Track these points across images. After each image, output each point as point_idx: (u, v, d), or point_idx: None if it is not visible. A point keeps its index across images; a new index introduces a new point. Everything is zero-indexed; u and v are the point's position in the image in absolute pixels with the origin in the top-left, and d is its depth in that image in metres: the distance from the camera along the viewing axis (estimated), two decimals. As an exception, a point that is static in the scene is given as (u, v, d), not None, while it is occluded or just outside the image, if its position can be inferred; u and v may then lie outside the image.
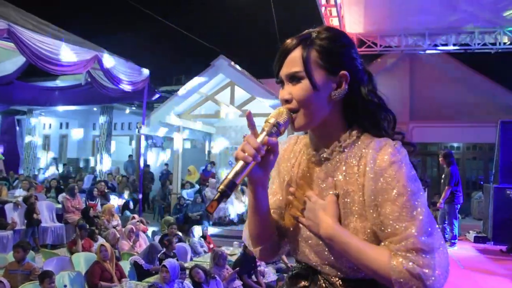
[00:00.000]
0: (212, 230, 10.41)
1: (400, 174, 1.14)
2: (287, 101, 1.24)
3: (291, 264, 8.38)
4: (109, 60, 9.71)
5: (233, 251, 8.27)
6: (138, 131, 11.90)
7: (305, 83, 1.21)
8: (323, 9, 9.07)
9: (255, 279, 6.86)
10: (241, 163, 1.14)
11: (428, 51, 11.46)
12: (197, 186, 13.03)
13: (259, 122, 1.12)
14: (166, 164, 15.04)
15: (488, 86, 14.67)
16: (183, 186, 12.75)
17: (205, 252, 8.49)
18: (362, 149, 1.22)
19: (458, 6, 9.26)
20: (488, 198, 8.62)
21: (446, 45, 11.03)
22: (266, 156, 1.18)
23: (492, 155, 9.16)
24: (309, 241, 1.28)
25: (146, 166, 14.82)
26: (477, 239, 8.41)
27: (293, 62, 1.24)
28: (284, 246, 1.40)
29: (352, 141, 1.24)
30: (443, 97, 13.70)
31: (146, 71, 11.18)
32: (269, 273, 7.44)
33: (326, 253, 1.24)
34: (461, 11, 9.74)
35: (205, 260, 7.30)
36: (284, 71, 1.26)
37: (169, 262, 5.61)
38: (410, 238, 1.09)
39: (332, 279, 1.25)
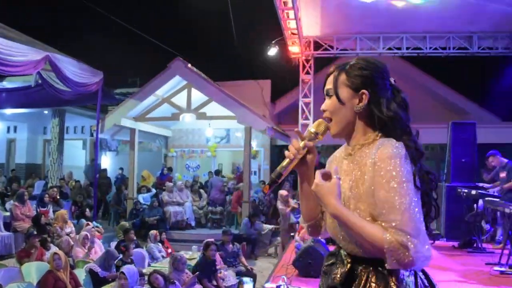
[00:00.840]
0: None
1: (394, 166, 1.42)
2: (324, 111, 1.66)
3: (250, 266, 8.40)
4: (61, 61, 9.34)
5: (192, 255, 8.15)
6: (92, 135, 11.53)
7: (333, 98, 1.62)
8: (280, 11, 9.12)
9: (215, 283, 6.79)
10: (287, 159, 1.60)
11: (382, 54, 11.72)
12: (153, 190, 12.79)
13: (217, 125, 1.11)
14: (121, 169, 14.66)
15: (439, 89, 15.26)
16: (139, 191, 12.48)
17: (163, 257, 8.34)
18: (371, 147, 1.54)
19: (410, 11, 9.53)
20: (441, 197, 8.89)
21: (399, 48, 11.35)
22: (306, 155, 1.64)
23: (444, 155, 9.44)
24: (330, 221, 1.63)
25: (103, 170, 14.38)
26: (430, 236, 8.65)
27: (329, 82, 1.65)
28: (325, 227, 1.73)
29: (368, 142, 1.58)
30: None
31: (99, 73, 10.84)
32: (229, 277, 7.38)
33: (340, 233, 1.58)
34: (413, 16, 10.05)
35: (164, 265, 7.16)
36: (325, 88, 1.67)
37: (127, 268, 5.46)
38: (397, 220, 1.37)
39: (346, 256, 1.57)
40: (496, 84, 13.01)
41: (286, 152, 1.61)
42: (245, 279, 7.25)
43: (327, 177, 1.51)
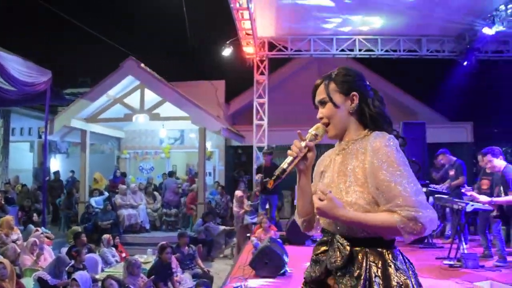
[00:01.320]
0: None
1: (391, 153, 1.65)
2: (321, 119, 1.86)
3: (207, 269, 8.33)
4: (5, 59, 8.90)
5: (147, 259, 7.99)
6: (40, 137, 11.07)
7: (329, 105, 1.84)
8: (235, 12, 9.10)
9: (171, 287, 6.68)
10: (290, 158, 1.80)
11: (336, 56, 11.95)
12: (106, 193, 12.44)
13: (171, 126, 1.09)
14: (72, 171, 14.18)
15: (390, 90, 15.71)
16: (91, 194, 12.10)
17: (117, 262, 8.13)
18: (365, 141, 1.77)
19: (366, 11, 9.75)
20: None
21: (352, 50, 11.60)
22: (306, 154, 1.83)
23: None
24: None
25: (55, 173, 13.83)
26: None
27: (320, 93, 1.88)
28: (318, 222, 1.90)
29: (361, 137, 1.81)
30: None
31: (47, 72, 10.43)
32: (186, 280, 7.29)
33: (337, 224, 1.74)
34: (366, 18, 10.29)
35: (118, 270, 6.99)
36: (316, 99, 1.90)
37: (79, 274, 5.29)
38: (399, 198, 1.58)
39: (343, 241, 1.70)
40: (444, 86, 13.53)
41: (289, 151, 1.80)
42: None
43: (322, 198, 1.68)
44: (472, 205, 6.55)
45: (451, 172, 8.40)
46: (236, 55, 12.13)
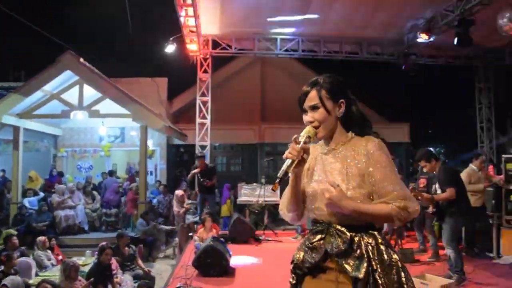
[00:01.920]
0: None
1: (383, 155, 1.97)
2: (311, 122, 2.04)
3: (148, 269, 8.15)
4: None
5: (85, 261, 7.73)
6: (-32, 134, 10.39)
7: (321, 110, 2.03)
8: (179, 8, 8.96)
9: (111, 289, 6.48)
10: (289, 160, 1.93)
11: (279, 56, 12.06)
12: (41, 194, 11.87)
13: (111, 123, 1.04)
14: (3, 170, 13.41)
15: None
16: (24, 194, 11.50)
17: (53, 265, 7.79)
18: (356, 143, 2.04)
19: (309, 12, 9.89)
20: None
21: (295, 50, 11.76)
22: (302, 155, 1.95)
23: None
24: (323, 198, 1.97)
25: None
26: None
27: (312, 99, 2.05)
28: (305, 214, 2.15)
29: (349, 139, 2.07)
30: (293, 100, 14.56)
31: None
32: (127, 281, 7.12)
33: (335, 215, 1.97)
34: (309, 20, 10.46)
35: (54, 274, 6.73)
36: (307, 104, 2.06)
37: (10, 280, 5.01)
38: (394, 192, 1.90)
39: (341, 228, 1.95)
40: (382, 88, 14.03)
41: (289, 154, 1.93)
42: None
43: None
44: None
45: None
46: (180, 52, 11.95)
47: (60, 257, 8.31)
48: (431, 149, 7.75)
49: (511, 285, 5.50)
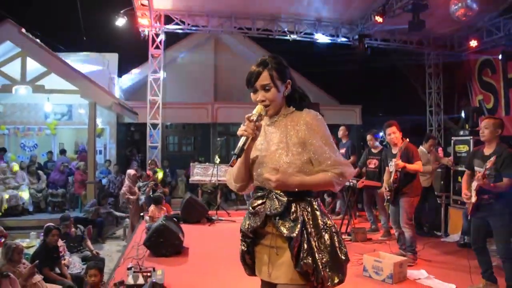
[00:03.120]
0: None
1: (321, 126, 2.14)
2: (263, 101, 2.15)
3: (96, 251, 7.86)
4: None
5: (30, 243, 7.36)
6: None
7: (273, 90, 2.15)
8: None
9: (58, 271, 6.19)
10: (244, 138, 2.04)
11: (233, 33, 11.84)
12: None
13: (57, 100, 0.88)
14: None
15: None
16: (-40, 173, 10.79)
17: (-7, 248, 7.34)
18: (296, 115, 2.19)
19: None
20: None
21: (249, 29, 11.57)
22: (255, 132, 2.09)
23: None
24: (270, 169, 2.13)
25: None
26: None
27: (264, 79, 2.15)
28: (250, 184, 2.28)
29: (290, 112, 2.22)
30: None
31: None
32: (75, 263, 6.84)
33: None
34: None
35: (-6, 257, 6.30)
36: (259, 83, 2.16)
37: None
38: (332, 158, 2.09)
39: (280, 193, 2.10)
40: (336, 71, 14.11)
41: (244, 132, 2.04)
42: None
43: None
44: (362, 182, 6.93)
45: (342, 151, 8.79)
46: (131, 27, 11.50)
47: (2, 240, 7.87)
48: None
49: (458, 262, 5.70)
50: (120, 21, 10.91)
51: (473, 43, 11.62)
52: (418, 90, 15.04)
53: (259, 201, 2.16)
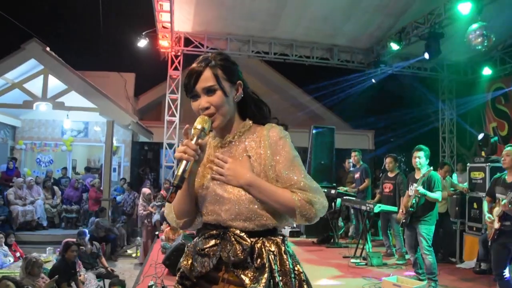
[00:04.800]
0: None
1: (286, 144, 1.71)
2: (207, 108, 1.68)
3: (111, 268, 7.91)
4: None
5: (47, 258, 7.40)
6: None
7: (219, 93, 1.69)
8: (155, 2, 8.80)
9: (75, 287, 6.24)
10: (184, 162, 1.58)
11: (250, 57, 12.03)
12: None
13: (75, 117, 0.97)
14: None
15: (300, 95, 16.26)
16: (-22, 187, 10.92)
17: (10, 262, 7.42)
18: (255, 132, 1.76)
19: (281, 19, 9.92)
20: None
21: (267, 53, 11.75)
22: (198, 154, 1.63)
23: (306, 158, 10.04)
24: (220, 199, 1.70)
25: None
26: (292, 234, 9.13)
27: (207, 79, 1.68)
28: (199, 218, 1.81)
29: (247, 128, 1.79)
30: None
31: None
32: (90, 280, 6.88)
33: (235, 208, 1.67)
34: (283, 24, 10.50)
35: (13, 271, 6.42)
36: (201, 85, 1.69)
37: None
38: (301, 182, 1.66)
39: (240, 233, 1.65)
40: (350, 96, 14.22)
41: (183, 155, 1.58)
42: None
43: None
44: (379, 206, 6.96)
45: (356, 175, 8.85)
46: (148, 48, 11.74)
47: (18, 254, 7.95)
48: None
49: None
50: (142, 42, 11.15)
51: (487, 71, 11.70)
52: (431, 116, 15.09)
53: (212, 241, 1.68)
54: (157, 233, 9.08)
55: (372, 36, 11.26)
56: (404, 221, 5.70)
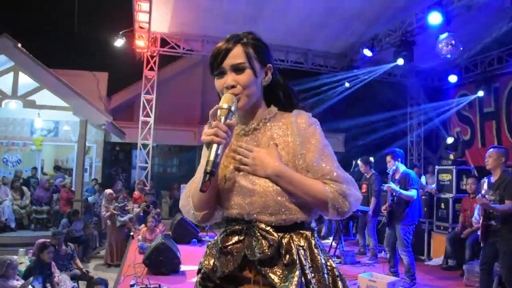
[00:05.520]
0: None
1: (316, 132, 1.59)
2: (233, 87, 1.55)
3: (86, 269, 7.80)
4: None
5: (19, 260, 7.22)
6: None
7: (248, 72, 1.56)
8: (135, 1, 8.76)
9: (50, 288, 6.16)
10: (215, 146, 1.43)
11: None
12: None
13: (46, 116, 1.05)
14: None
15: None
16: None
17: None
18: (282, 119, 1.63)
19: (257, 22, 10.02)
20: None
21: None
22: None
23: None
24: (245, 192, 1.55)
25: None
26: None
27: (237, 56, 1.56)
28: (219, 212, 1.67)
29: (273, 115, 1.65)
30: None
31: None
32: (65, 281, 6.77)
33: (262, 200, 1.52)
34: (258, 27, 10.60)
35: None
36: (229, 62, 1.56)
37: None
38: (333, 172, 1.52)
39: (266, 228, 1.51)
40: (321, 99, 14.42)
41: (214, 138, 1.43)
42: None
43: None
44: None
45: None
46: (123, 48, 11.65)
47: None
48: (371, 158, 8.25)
49: (442, 284, 6.19)
50: (119, 42, 11.07)
51: (453, 78, 12.16)
52: (400, 120, 15.52)
53: (235, 238, 1.55)
54: (132, 233, 9.02)
55: (346, 42, 11.53)
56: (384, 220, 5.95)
